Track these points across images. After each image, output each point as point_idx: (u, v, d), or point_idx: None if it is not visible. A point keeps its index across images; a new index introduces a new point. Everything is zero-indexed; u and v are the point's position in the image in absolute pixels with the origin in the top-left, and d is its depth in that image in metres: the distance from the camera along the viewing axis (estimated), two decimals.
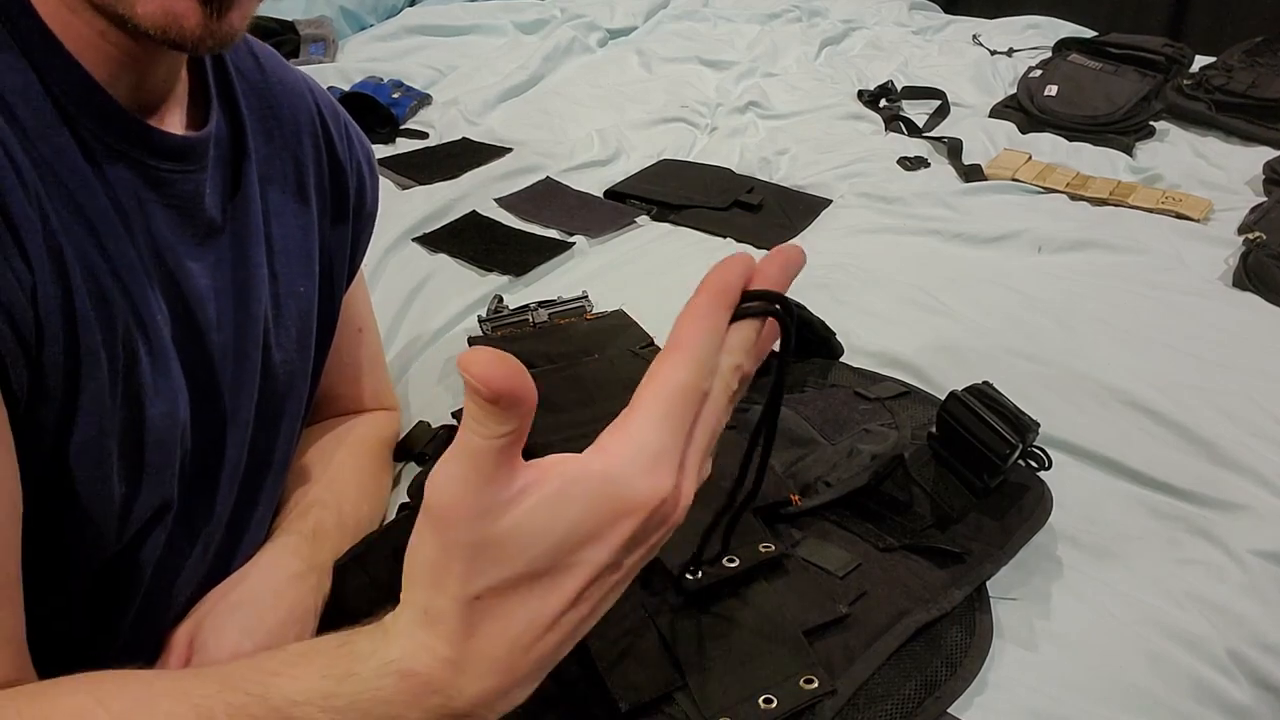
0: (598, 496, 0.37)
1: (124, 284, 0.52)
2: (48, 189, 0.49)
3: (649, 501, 0.37)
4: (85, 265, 0.50)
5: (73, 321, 0.49)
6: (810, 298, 1.03)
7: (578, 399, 0.84)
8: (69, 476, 0.51)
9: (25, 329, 0.46)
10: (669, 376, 0.39)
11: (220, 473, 0.63)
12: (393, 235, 1.26)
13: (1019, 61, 2.19)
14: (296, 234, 0.67)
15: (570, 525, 0.37)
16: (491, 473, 0.36)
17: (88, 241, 0.51)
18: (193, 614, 0.62)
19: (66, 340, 0.49)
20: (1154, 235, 1.38)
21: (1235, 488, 0.85)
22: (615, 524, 0.37)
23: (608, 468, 0.37)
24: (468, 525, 0.36)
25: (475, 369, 0.34)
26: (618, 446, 0.38)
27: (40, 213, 0.48)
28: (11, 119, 0.48)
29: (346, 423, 0.82)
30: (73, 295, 0.49)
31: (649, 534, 0.39)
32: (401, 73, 1.92)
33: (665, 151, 1.67)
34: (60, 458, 0.50)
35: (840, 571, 0.70)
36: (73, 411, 0.50)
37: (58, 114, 0.50)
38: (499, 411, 0.35)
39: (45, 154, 0.49)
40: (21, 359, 0.46)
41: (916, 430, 0.86)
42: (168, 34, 0.48)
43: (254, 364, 0.63)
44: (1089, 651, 0.69)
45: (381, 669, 0.38)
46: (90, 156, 0.51)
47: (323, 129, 0.71)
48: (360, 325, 0.83)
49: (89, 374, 0.50)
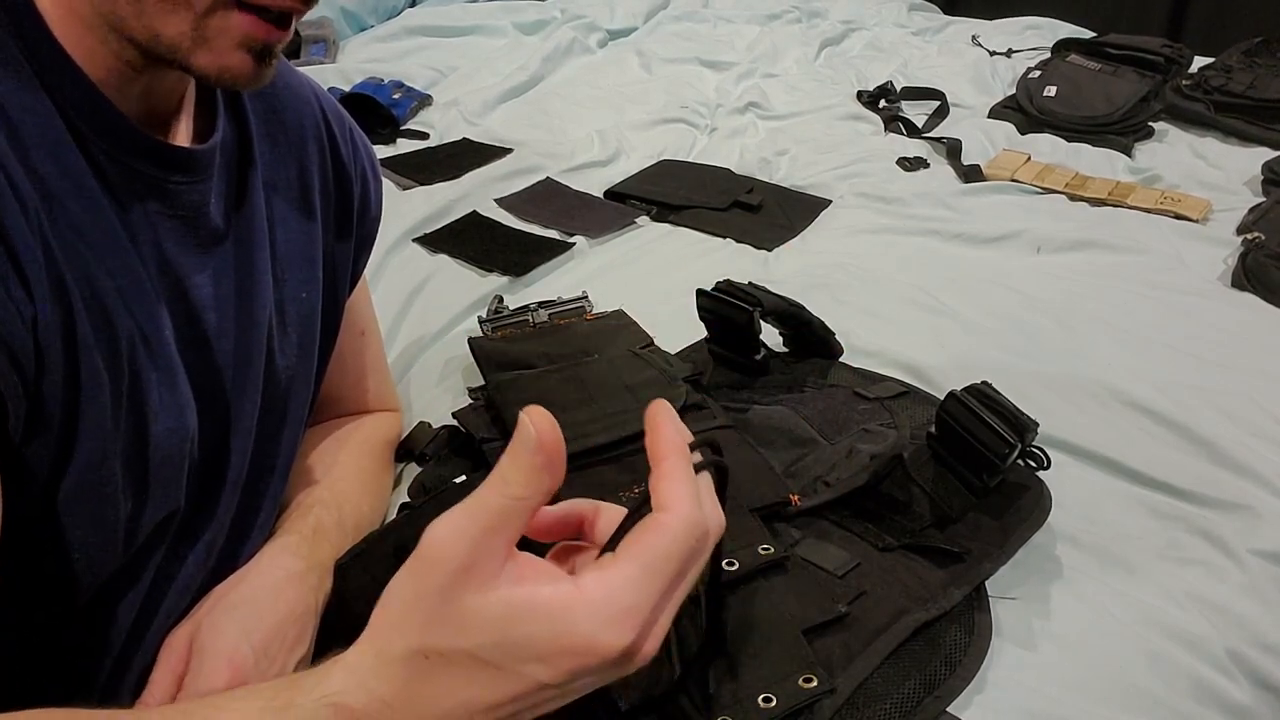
0: (558, 630, 0.38)
1: (128, 301, 0.53)
2: (51, 210, 0.49)
3: (607, 652, 0.38)
4: (88, 287, 0.50)
5: (74, 348, 0.49)
6: (810, 298, 1.03)
7: (578, 399, 0.84)
8: (71, 500, 0.51)
9: (25, 361, 0.46)
10: (656, 540, 0.39)
11: (224, 479, 0.63)
12: (393, 236, 1.26)
13: (1018, 62, 2.20)
14: (300, 240, 0.68)
15: (525, 639, 0.38)
16: (489, 534, 0.38)
17: (92, 261, 0.51)
18: (192, 615, 0.62)
19: (67, 367, 0.49)
20: (1153, 235, 1.38)
21: (1235, 488, 0.85)
22: (568, 658, 0.38)
23: (576, 608, 0.38)
24: (447, 575, 0.38)
25: (535, 415, 0.38)
26: (594, 590, 0.38)
27: (41, 238, 0.48)
28: (15, 137, 0.48)
29: (349, 424, 0.82)
30: (74, 321, 0.49)
31: (601, 674, 0.40)
32: (402, 73, 1.92)
33: (665, 152, 1.67)
34: (60, 482, 0.50)
35: (839, 571, 0.70)
36: (73, 436, 0.50)
37: (67, 130, 0.50)
38: (533, 468, 0.38)
39: (51, 172, 0.49)
40: (20, 393, 0.46)
41: (916, 430, 0.86)
42: (221, 83, 0.52)
43: (258, 371, 0.64)
44: (1088, 651, 0.69)
45: (320, 700, 0.40)
46: (99, 173, 0.52)
47: (328, 134, 0.71)
48: (363, 328, 0.83)
49: (90, 398, 0.50)
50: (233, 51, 0.50)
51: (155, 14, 0.48)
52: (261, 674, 0.59)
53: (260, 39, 0.51)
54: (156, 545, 0.59)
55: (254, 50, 0.51)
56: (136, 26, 0.49)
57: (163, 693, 0.57)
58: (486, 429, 0.84)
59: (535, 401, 0.39)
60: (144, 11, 0.48)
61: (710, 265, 1.28)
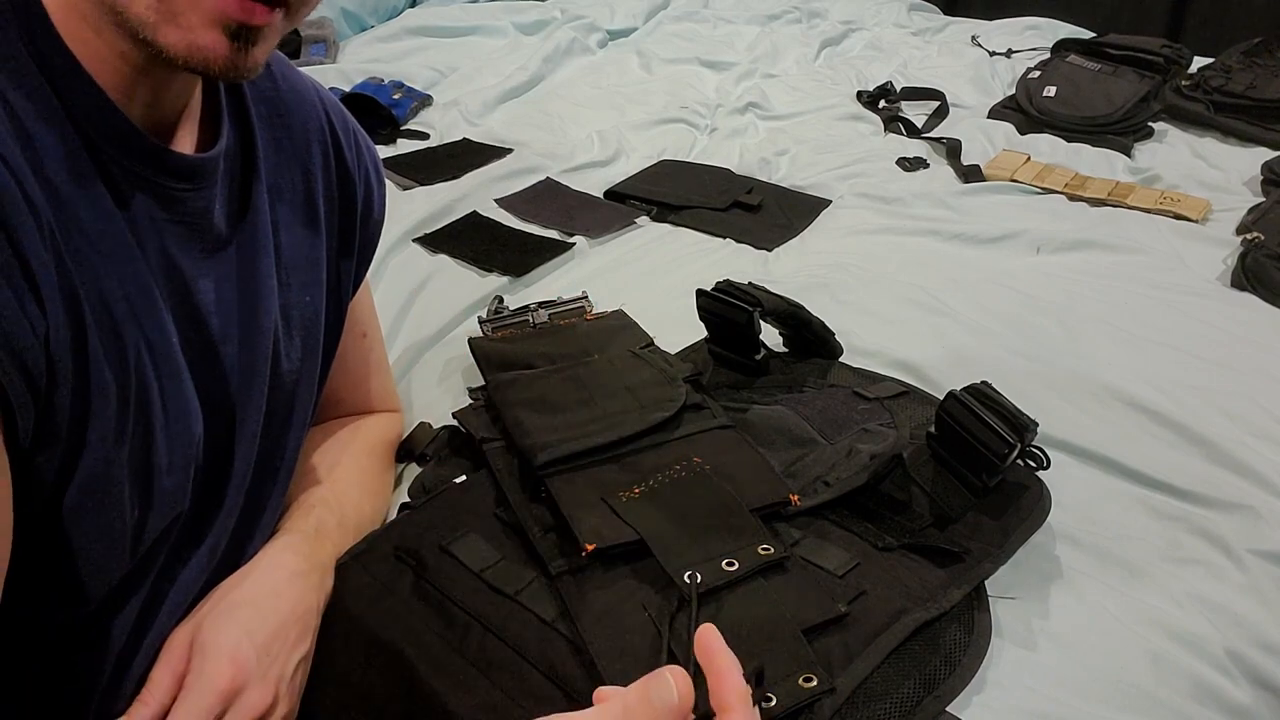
0: None
1: (136, 308, 0.53)
2: (62, 222, 0.48)
3: None
4: (98, 297, 0.50)
5: (84, 360, 0.49)
6: (810, 298, 1.03)
7: (578, 399, 0.84)
8: (75, 509, 0.51)
9: (37, 374, 0.46)
10: None
11: (228, 481, 0.63)
12: (393, 236, 1.26)
13: (1018, 62, 2.20)
14: (304, 244, 0.68)
15: None
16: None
17: (101, 270, 0.50)
18: (194, 614, 0.62)
19: (77, 379, 0.49)
20: (1152, 236, 1.38)
21: (1235, 488, 0.85)
22: None
23: None
24: None
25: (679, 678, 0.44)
26: None
27: (54, 251, 0.47)
28: (30, 147, 0.47)
29: (351, 424, 0.82)
30: (86, 334, 0.49)
31: None
32: (402, 74, 1.92)
33: (665, 152, 1.67)
34: (64, 493, 0.50)
35: (839, 570, 0.70)
36: (80, 446, 0.50)
37: (78, 139, 0.50)
38: None
39: (62, 182, 0.49)
40: (30, 406, 0.46)
41: (915, 430, 0.86)
42: (191, 64, 0.48)
43: (263, 376, 0.64)
44: (1088, 651, 0.69)
45: None
46: (107, 179, 0.52)
47: (332, 138, 0.71)
48: (365, 329, 0.83)
49: (98, 411, 0.50)
50: (204, 29, 0.47)
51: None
52: (263, 672, 0.59)
53: (234, 17, 0.47)
54: (160, 548, 0.59)
55: (229, 30, 0.48)
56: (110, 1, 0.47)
57: (163, 691, 0.57)
58: (487, 429, 0.84)
59: (536, 401, 0.39)
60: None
61: (710, 265, 1.29)
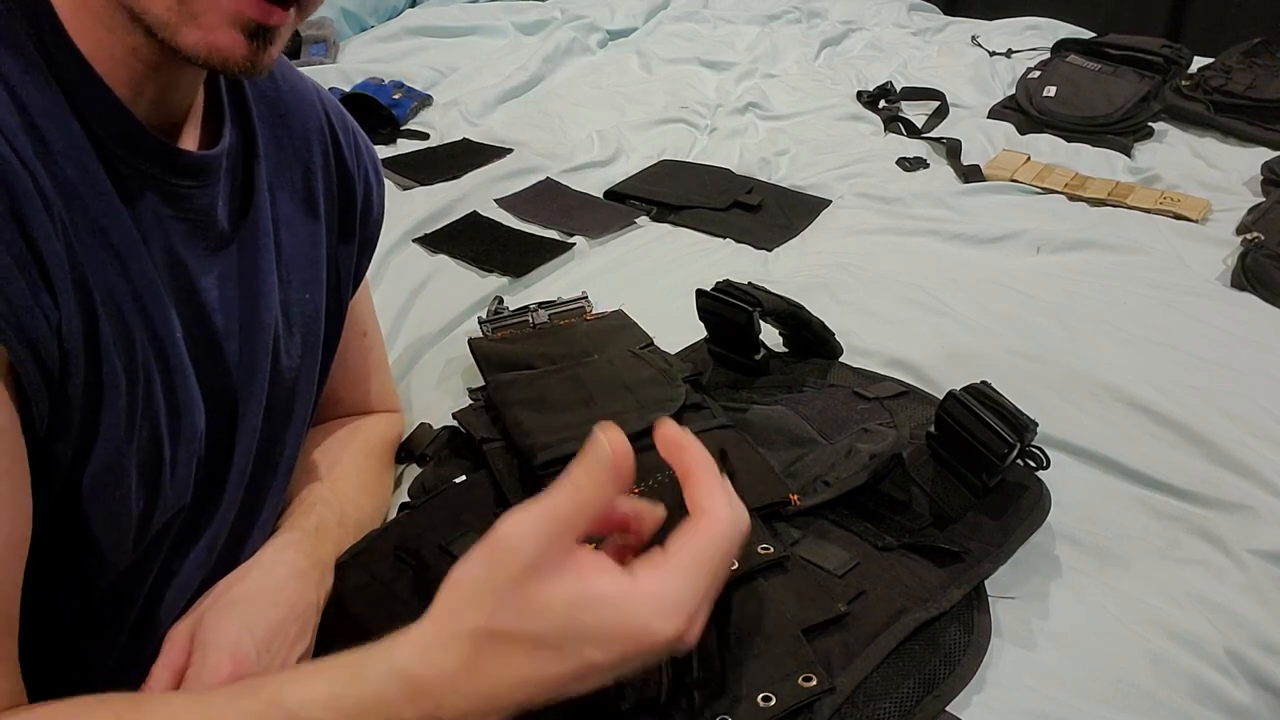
0: (617, 619, 0.43)
1: (143, 304, 0.53)
2: (73, 215, 0.49)
3: (659, 640, 0.43)
4: (107, 291, 0.51)
5: (96, 350, 0.49)
6: (810, 298, 1.03)
7: (578, 399, 0.84)
8: (86, 499, 0.51)
9: (50, 364, 0.47)
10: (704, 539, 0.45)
11: (227, 477, 0.63)
12: (394, 236, 1.26)
13: (1018, 62, 2.20)
14: (305, 242, 0.68)
15: (585, 627, 0.43)
16: (560, 535, 0.43)
17: (110, 265, 0.51)
18: (193, 610, 0.62)
19: (89, 371, 0.49)
20: (1152, 236, 1.38)
21: (1235, 488, 0.85)
22: (622, 643, 0.43)
23: (634, 599, 0.43)
24: (518, 566, 0.43)
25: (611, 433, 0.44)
26: (649, 584, 0.44)
27: (66, 243, 0.48)
28: (41, 142, 0.48)
29: (351, 424, 0.83)
30: (97, 325, 0.49)
31: (649, 658, 0.44)
32: (402, 74, 1.92)
33: (665, 152, 1.67)
34: (78, 482, 0.51)
35: (839, 570, 0.70)
36: (92, 437, 0.50)
37: (85, 135, 0.50)
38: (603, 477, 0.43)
39: (72, 176, 0.49)
40: (45, 395, 0.47)
41: (915, 430, 0.86)
42: (210, 63, 0.50)
43: (263, 372, 0.64)
44: (1088, 651, 0.69)
45: (388, 671, 0.44)
46: (116, 178, 0.52)
47: (331, 137, 0.71)
48: (364, 329, 0.83)
49: (109, 401, 0.50)
50: (223, 29, 0.48)
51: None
52: (263, 669, 0.59)
53: (253, 17, 0.49)
54: (162, 541, 0.59)
55: (247, 30, 0.49)
56: None
57: (162, 687, 0.58)
58: (487, 429, 0.84)
59: (535, 401, 0.41)
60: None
61: (710, 265, 1.29)
